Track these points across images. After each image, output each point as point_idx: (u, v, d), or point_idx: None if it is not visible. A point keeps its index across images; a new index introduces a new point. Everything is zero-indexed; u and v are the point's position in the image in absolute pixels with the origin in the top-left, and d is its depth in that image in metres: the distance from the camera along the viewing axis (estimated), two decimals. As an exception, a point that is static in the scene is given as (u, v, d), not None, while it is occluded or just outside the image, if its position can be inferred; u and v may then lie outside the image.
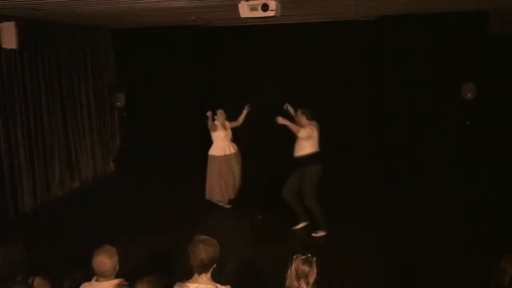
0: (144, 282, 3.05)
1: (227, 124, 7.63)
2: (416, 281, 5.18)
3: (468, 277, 4.93)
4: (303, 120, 6.42)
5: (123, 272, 3.34)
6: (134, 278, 3.31)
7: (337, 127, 9.95)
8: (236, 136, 10.41)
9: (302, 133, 6.24)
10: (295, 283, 2.93)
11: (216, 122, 7.50)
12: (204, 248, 3.07)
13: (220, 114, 7.51)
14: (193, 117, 10.39)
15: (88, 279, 3.29)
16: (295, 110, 6.79)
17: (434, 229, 6.49)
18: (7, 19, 7.04)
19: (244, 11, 5.96)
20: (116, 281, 3.23)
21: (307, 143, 6.31)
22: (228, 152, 7.55)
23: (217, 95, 10.87)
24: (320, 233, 6.43)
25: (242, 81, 10.56)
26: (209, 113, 7.47)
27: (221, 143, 7.55)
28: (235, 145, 7.72)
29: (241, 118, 7.75)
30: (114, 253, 3.26)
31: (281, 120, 6.25)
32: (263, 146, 10.25)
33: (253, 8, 5.87)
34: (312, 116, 6.49)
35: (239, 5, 5.97)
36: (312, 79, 10.08)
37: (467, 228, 6.50)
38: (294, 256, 2.99)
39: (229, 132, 7.62)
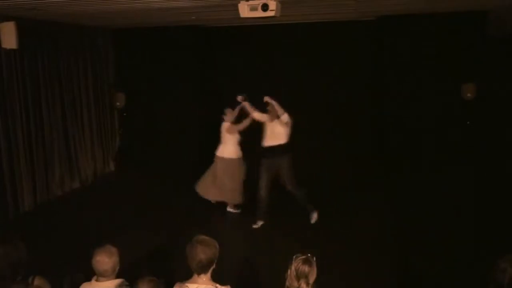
0: (145, 282, 3.06)
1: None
2: (416, 281, 5.18)
3: (468, 277, 4.94)
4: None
5: (123, 272, 3.34)
6: (134, 278, 3.31)
7: (336, 127, 9.95)
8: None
9: (285, 116, 6.60)
10: (295, 283, 2.92)
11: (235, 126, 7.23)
12: (202, 249, 3.07)
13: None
14: (193, 117, 10.40)
15: (88, 279, 3.29)
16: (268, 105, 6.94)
17: (434, 229, 6.49)
18: (7, 19, 7.04)
19: (244, 11, 5.96)
20: (117, 281, 3.24)
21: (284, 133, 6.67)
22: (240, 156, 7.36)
23: (217, 95, 10.87)
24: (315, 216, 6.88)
25: (242, 81, 10.55)
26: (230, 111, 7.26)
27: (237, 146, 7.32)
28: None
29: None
30: (114, 253, 3.26)
31: (267, 98, 6.72)
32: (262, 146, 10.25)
33: (253, 8, 5.87)
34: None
35: (239, 5, 5.97)
36: (312, 79, 10.07)
37: (467, 228, 6.50)
38: (294, 256, 2.99)
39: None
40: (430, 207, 7.39)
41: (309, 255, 2.99)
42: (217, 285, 3.11)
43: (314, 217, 6.88)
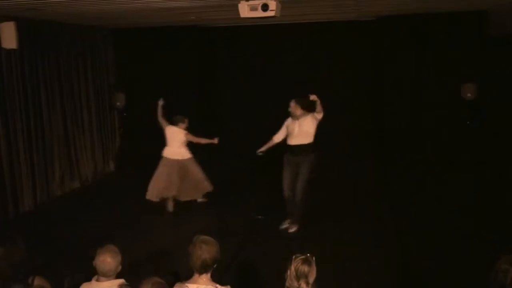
0: (149, 283, 3.04)
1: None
2: (416, 281, 5.18)
3: (468, 277, 4.93)
4: (298, 110, 6.61)
5: (123, 272, 3.34)
6: (134, 278, 3.31)
7: (336, 126, 9.94)
8: (235, 136, 10.47)
9: (320, 115, 6.59)
10: (295, 284, 2.92)
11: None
12: (206, 249, 3.06)
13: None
14: (192, 117, 10.38)
15: (88, 279, 3.29)
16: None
17: (434, 229, 6.49)
18: (7, 19, 7.04)
19: (244, 11, 5.96)
20: (117, 281, 3.23)
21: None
22: None
23: (217, 95, 10.88)
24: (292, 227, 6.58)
25: (241, 81, 10.56)
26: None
27: None
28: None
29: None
30: (117, 253, 3.25)
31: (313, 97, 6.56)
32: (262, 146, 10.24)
33: (253, 8, 5.87)
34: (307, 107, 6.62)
35: (239, 5, 5.97)
36: (312, 79, 10.07)
37: (467, 228, 6.50)
38: (294, 256, 2.98)
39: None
40: (430, 207, 7.39)
41: (308, 255, 2.99)
42: (217, 285, 3.10)
43: (290, 228, 6.55)
